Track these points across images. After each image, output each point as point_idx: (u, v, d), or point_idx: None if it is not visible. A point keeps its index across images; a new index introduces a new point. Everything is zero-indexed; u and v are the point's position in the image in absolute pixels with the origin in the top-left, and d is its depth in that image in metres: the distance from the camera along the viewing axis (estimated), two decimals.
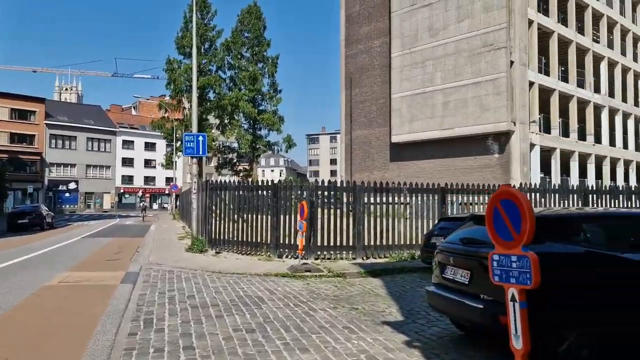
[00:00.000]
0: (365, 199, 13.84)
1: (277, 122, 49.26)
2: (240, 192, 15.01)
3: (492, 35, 33.19)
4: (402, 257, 13.58)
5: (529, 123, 34.31)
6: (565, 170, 39.41)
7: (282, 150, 52.25)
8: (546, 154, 37.35)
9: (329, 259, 13.44)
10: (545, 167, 37.26)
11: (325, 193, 13.65)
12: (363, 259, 13.46)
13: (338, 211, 13.50)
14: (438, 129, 35.88)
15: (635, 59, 48.71)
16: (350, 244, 13.52)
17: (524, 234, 3.68)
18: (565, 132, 40.03)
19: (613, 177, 44.50)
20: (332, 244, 13.42)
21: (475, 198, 15.08)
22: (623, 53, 46.60)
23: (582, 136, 41.41)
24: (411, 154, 37.76)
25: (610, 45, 45.00)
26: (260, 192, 14.71)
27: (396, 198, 14.04)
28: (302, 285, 10.21)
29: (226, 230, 15.15)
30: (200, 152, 16.24)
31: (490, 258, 3.98)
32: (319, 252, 13.36)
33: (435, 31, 36.43)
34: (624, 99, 46.48)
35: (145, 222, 40.76)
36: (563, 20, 40.34)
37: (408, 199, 14.19)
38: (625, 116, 46.83)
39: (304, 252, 12.33)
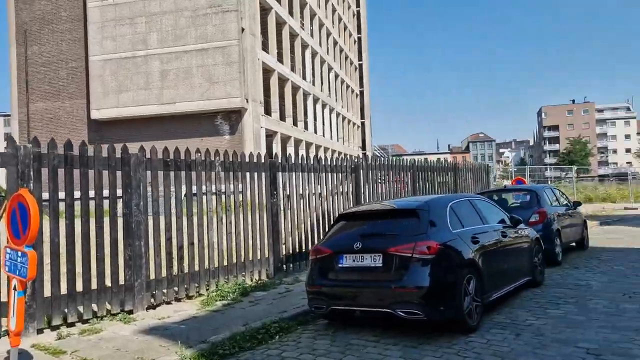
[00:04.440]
0: (149, 188, 6.96)
1: None
2: None
3: None
4: (229, 290, 7.34)
5: (260, 102, 30.87)
6: (283, 156, 37.84)
7: None
8: (269, 139, 34.77)
9: (78, 321, 6.05)
10: (268, 153, 34.71)
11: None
12: (148, 309, 6.62)
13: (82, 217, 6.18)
14: (156, 102, 28.96)
15: (328, 52, 51.50)
16: (121, 282, 6.44)
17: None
18: (282, 116, 38.46)
19: None
20: (80, 288, 6.05)
21: (313, 177, 9.91)
22: (320, 44, 48.45)
23: (294, 122, 40.75)
24: (121, 134, 29.34)
25: (312, 34, 45.98)
26: None
27: (198, 183, 7.57)
28: None
29: None
30: None
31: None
32: (54, 312, 5.81)
33: None
34: (322, 89, 48.44)
35: None
36: None
37: (223, 183, 7.93)
38: (324, 105, 48.91)
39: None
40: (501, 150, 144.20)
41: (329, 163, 10.19)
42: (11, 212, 4.13)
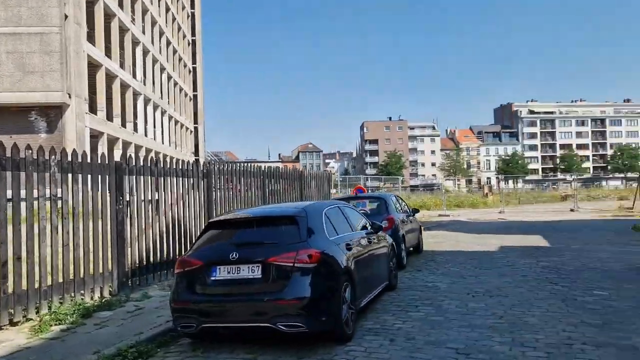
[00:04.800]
0: None
1: None
2: None
3: None
4: (67, 312, 6.24)
5: (85, 99, 27.95)
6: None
7: None
8: (94, 140, 31.65)
9: None
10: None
11: None
12: None
13: None
14: None
15: (161, 52, 49.04)
16: None
17: None
18: (109, 116, 35.38)
19: None
20: None
21: (173, 182, 9.01)
22: (153, 42, 45.91)
23: (123, 123, 37.84)
24: None
25: (144, 31, 43.35)
26: None
27: (19, 184, 6.30)
28: None
29: None
30: None
31: None
32: None
33: None
34: (154, 90, 45.90)
35: None
36: None
37: (60, 187, 6.72)
38: (156, 107, 46.35)
39: None
40: (327, 161, 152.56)
41: (180, 167, 9.46)
42: None
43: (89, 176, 7.32)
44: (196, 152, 66.11)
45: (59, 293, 6.66)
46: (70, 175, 6.99)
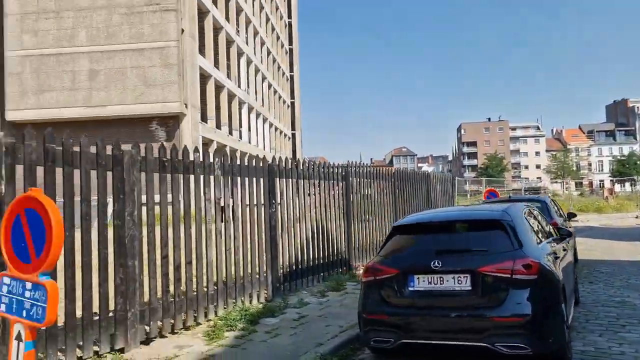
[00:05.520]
0: (144, 195, 5.55)
1: None
2: None
3: None
4: (235, 318, 6.05)
5: (198, 108, 29.14)
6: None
7: None
8: (204, 147, 32.93)
9: None
10: None
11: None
12: (141, 345, 5.20)
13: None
14: (83, 105, 26.38)
15: (262, 61, 50.37)
16: (111, 312, 5.00)
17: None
18: (217, 124, 36.74)
19: None
20: (61, 323, 4.56)
21: (322, 185, 8.79)
22: (255, 52, 47.23)
23: (230, 130, 39.15)
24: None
25: (247, 42, 44.72)
26: None
27: (189, 187, 6.22)
28: None
29: None
30: None
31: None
32: None
33: None
34: (256, 99, 47.16)
35: None
36: (215, 2, 37.00)
37: (213, 189, 6.59)
38: (258, 115, 47.59)
39: None
40: (419, 165, 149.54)
41: (320, 169, 9.14)
42: (13, 223, 2.73)
43: (247, 179, 7.17)
44: (294, 158, 67.28)
45: (223, 298, 6.52)
46: (230, 179, 6.85)
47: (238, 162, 7.01)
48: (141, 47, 26.45)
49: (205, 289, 6.22)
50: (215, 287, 6.43)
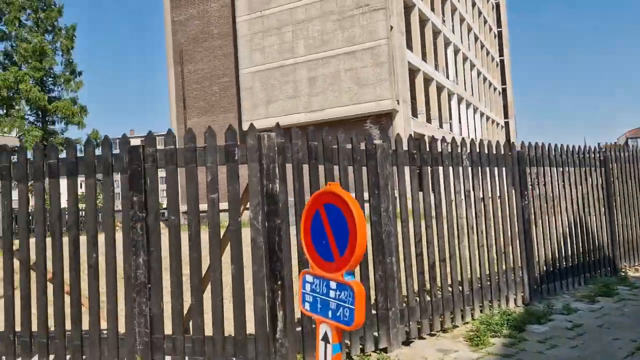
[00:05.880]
0: (397, 183, 5.37)
1: (77, 112, 36.38)
2: None
3: None
4: (497, 323, 5.46)
5: (409, 103, 29.02)
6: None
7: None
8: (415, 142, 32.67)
9: None
10: None
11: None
12: (402, 346, 4.93)
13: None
14: (304, 111, 28.46)
15: (469, 49, 48.18)
16: (372, 310, 4.84)
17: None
18: (428, 118, 36.21)
19: None
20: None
21: (578, 172, 7.78)
22: (462, 40, 45.38)
23: (440, 124, 38.28)
24: None
25: (454, 31, 43.22)
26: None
27: (439, 180, 5.81)
28: None
29: None
30: None
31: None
32: None
33: None
34: (465, 88, 45.29)
35: None
36: None
37: (462, 180, 6.10)
38: (468, 105, 45.67)
39: None
40: None
41: (575, 155, 7.91)
42: (312, 219, 2.64)
43: (495, 169, 6.50)
44: None
45: (479, 299, 5.97)
46: (479, 169, 6.27)
47: (486, 151, 6.38)
48: (353, 49, 27.41)
49: (460, 289, 5.76)
50: (471, 287, 5.92)
